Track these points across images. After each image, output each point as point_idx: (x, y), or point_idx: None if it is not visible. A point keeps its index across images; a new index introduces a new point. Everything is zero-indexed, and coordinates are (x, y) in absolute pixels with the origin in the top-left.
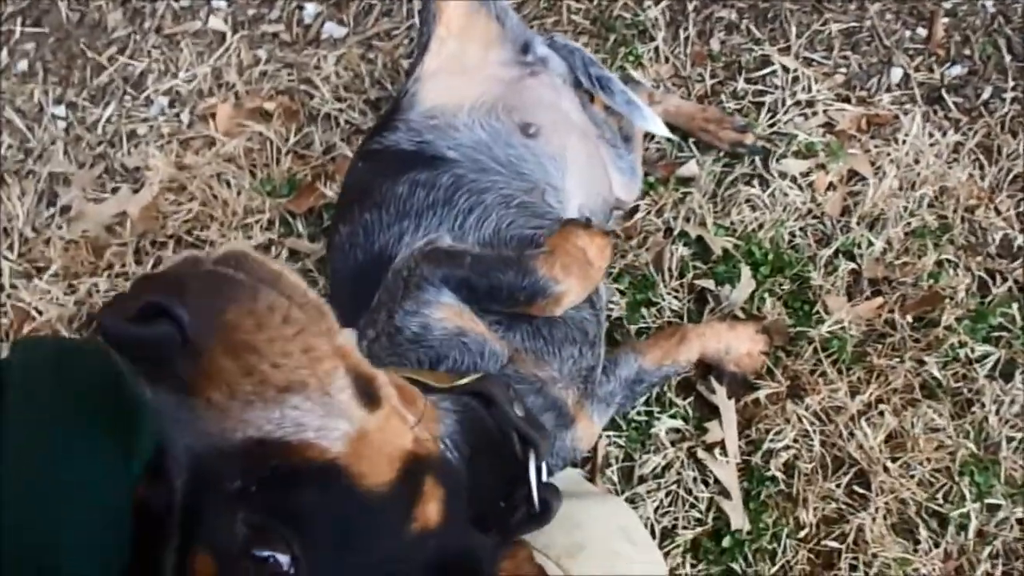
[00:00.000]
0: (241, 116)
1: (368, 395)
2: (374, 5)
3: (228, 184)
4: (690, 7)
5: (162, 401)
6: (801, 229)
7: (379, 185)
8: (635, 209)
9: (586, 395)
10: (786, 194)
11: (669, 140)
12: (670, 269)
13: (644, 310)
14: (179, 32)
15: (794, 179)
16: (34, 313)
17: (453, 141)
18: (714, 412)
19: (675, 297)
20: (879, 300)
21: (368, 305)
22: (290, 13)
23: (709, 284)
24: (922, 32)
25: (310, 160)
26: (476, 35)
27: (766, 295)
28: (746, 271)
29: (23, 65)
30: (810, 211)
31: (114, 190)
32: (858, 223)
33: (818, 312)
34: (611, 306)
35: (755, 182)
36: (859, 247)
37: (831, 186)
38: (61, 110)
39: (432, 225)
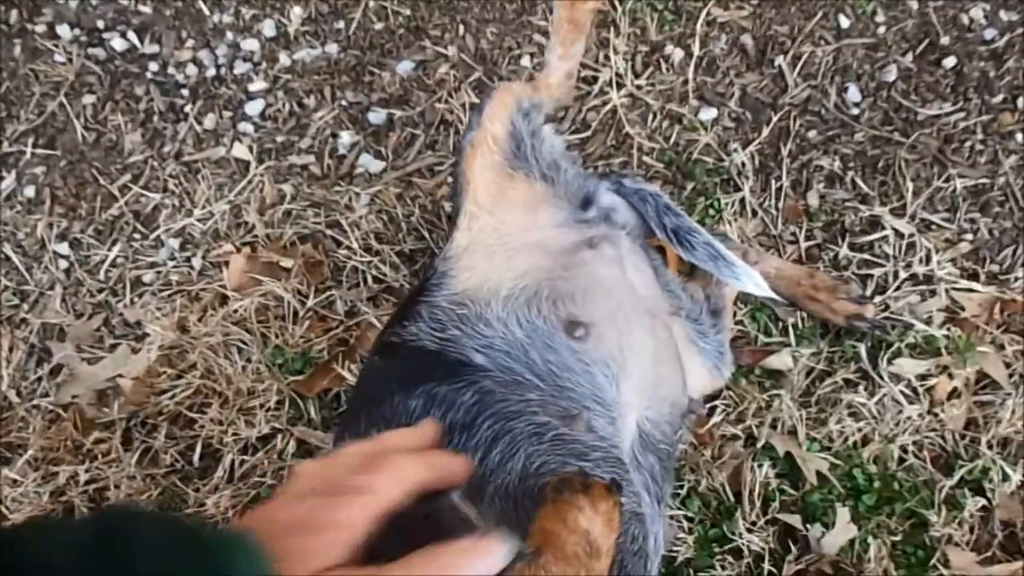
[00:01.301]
0: (256, 270)
1: None
2: (416, 136)
3: (238, 350)
4: (784, 152)
5: None
6: (916, 444)
7: (391, 392)
8: (711, 410)
9: None
10: (898, 402)
11: (754, 320)
12: (751, 495)
13: (716, 548)
14: (200, 159)
15: (909, 383)
16: (2, 509)
17: (483, 341)
18: None
19: (755, 532)
20: (1018, 565)
21: None
22: (323, 142)
23: (797, 521)
24: None
25: (330, 323)
26: (516, 202)
27: (870, 538)
28: (844, 514)
29: (30, 191)
30: (929, 425)
31: (112, 347)
32: (989, 446)
33: (936, 565)
34: (674, 545)
35: (860, 385)
36: (989, 478)
37: (955, 392)
38: (64, 248)
39: None
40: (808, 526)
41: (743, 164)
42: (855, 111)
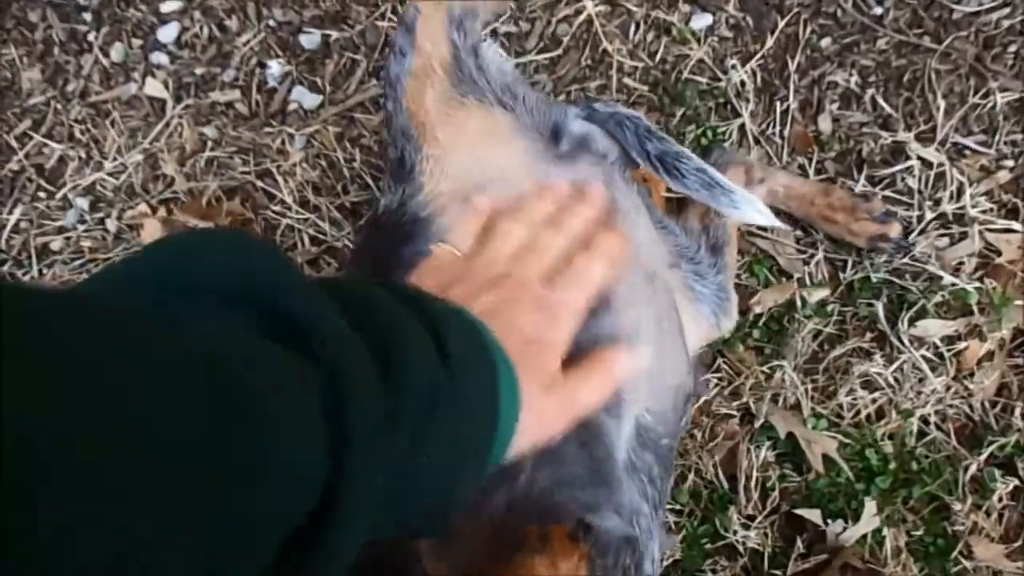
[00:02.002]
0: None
1: None
2: (357, 62)
3: None
4: (791, 66)
5: None
6: (938, 414)
7: None
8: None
9: None
10: (919, 369)
11: (752, 273)
12: (748, 483)
13: (708, 546)
14: (109, 100)
15: (933, 347)
16: None
17: None
18: None
19: (752, 528)
20: None
21: None
22: (248, 73)
23: (816, 516)
24: None
25: None
26: (483, 133)
27: (885, 528)
28: (871, 507)
29: None
30: (956, 393)
31: None
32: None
33: (958, 558)
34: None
35: (876, 353)
36: (1023, 454)
37: (988, 355)
38: None
39: None
40: (829, 521)
41: (742, 83)
42: (878, 10)
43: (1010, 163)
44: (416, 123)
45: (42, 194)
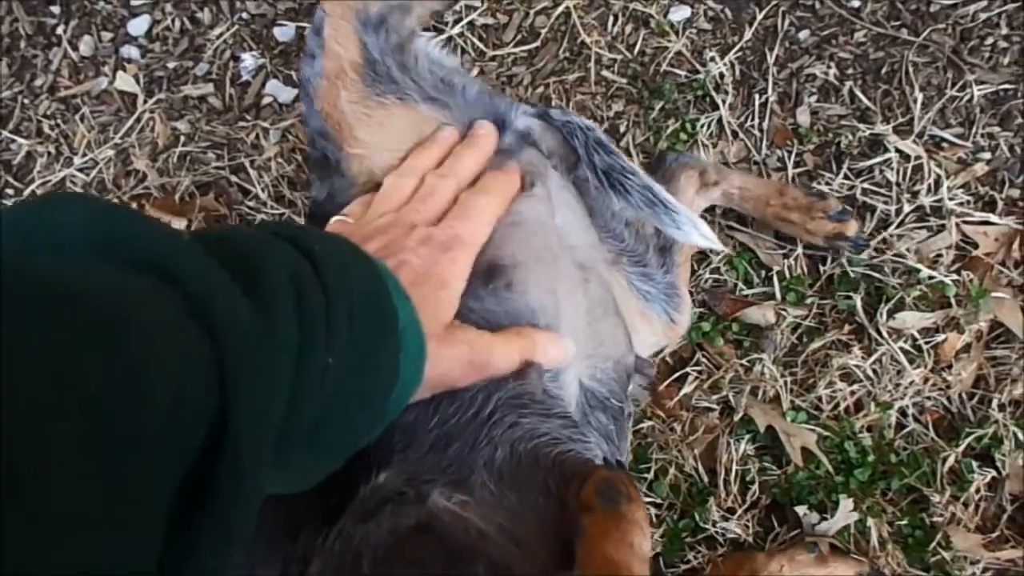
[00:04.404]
0: None
1: None
2: None
3: None
4: (770, 59)
5: None
6: (916, 406)
7: None
8: (684, 378)
9: None
10: (898, 361)
11: (732, 267)
12: (727, 477)
13: (688, 538)
14: (78, 94)
15: (912, 339)
16: None
17: None
18: None
19: (732, 520)
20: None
21: None
22: (222, 67)
23: (794, 507)
24: None
25: None
26: (404, 130)
27: (869, 519)
28: (847, 504)
29: None
30: (934, 385)
31: None
32: (1000, 408)
33: (936, 549)
34: None
35: (854, 345)
36: (1000, 446)
37: (965, 347)
38: None
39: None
40: (806, 512)
41: (721, 76)
42: (855, 3)
43: (987, 155)
44: (332, 124)
45: (10, 191)
